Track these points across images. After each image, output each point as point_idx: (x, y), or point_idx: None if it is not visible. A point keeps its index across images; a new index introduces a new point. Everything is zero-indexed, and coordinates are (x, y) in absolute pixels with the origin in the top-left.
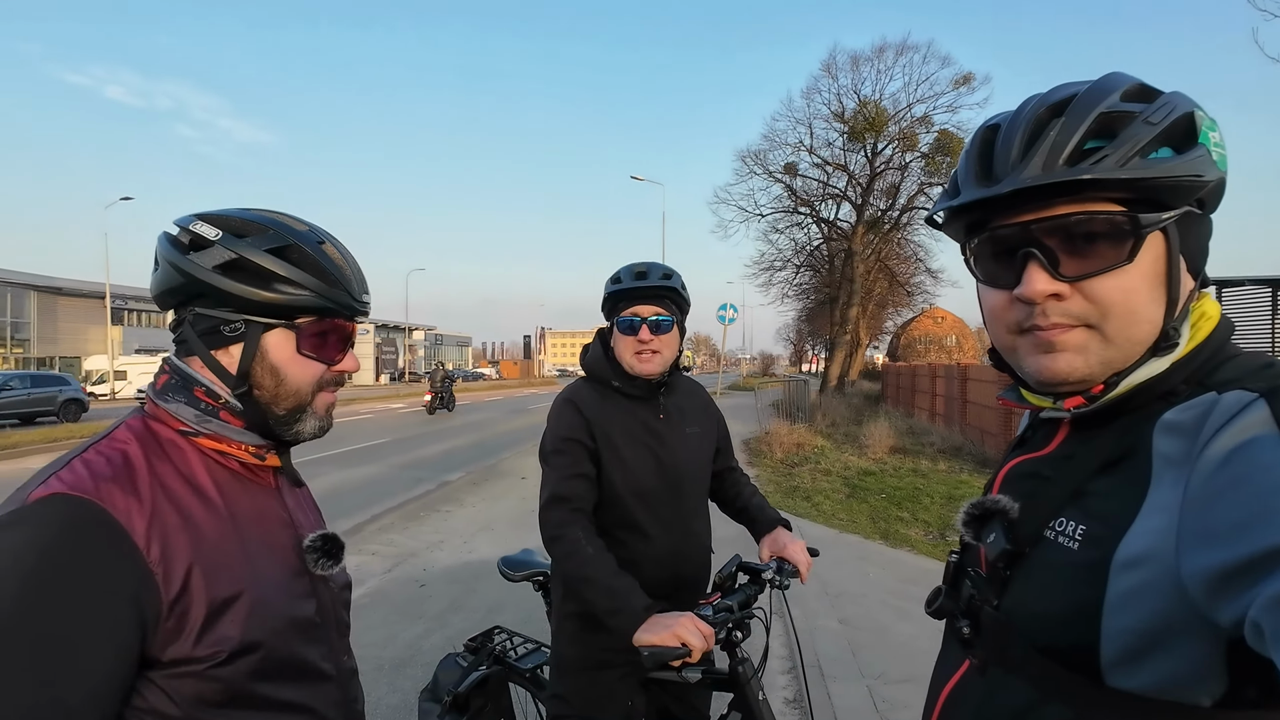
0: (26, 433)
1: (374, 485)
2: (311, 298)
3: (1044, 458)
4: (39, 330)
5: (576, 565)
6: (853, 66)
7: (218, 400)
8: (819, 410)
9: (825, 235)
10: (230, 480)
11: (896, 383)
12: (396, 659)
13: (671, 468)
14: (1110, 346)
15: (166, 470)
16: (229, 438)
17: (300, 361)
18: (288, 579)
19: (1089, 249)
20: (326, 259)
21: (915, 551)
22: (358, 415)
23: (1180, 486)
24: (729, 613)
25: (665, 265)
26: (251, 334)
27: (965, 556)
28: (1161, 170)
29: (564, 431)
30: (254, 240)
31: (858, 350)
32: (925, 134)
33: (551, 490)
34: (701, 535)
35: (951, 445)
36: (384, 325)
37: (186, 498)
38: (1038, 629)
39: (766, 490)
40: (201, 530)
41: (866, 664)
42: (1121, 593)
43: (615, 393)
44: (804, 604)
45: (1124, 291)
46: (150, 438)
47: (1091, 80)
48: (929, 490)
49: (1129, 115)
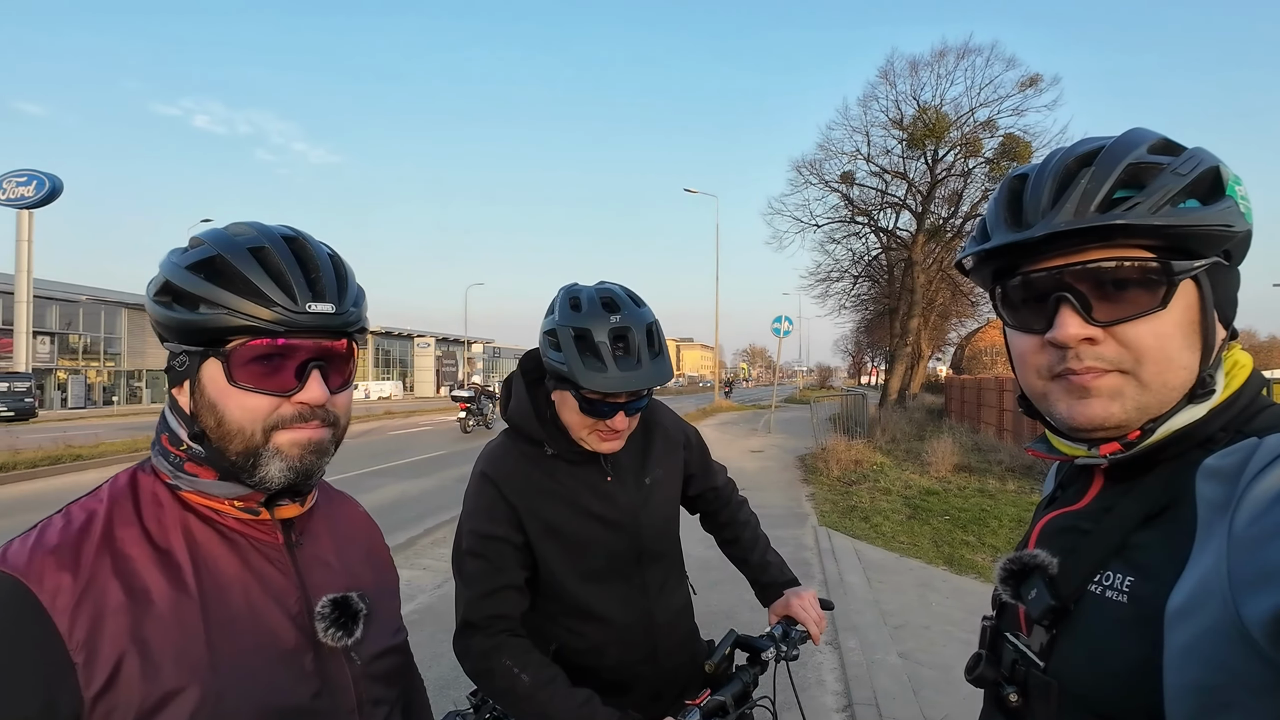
0: (111, 442)
1: (429, 498)
2: (229, 316)
3: (1080, 511)
4: (129, 345)
5: (515, 702)
6: (911, 72)
7: (179, 446)
8: (878, 425)
9: (884, 245)
10: (216, 543)
11: (961, 396)
12: (441, 679)
13: (631, 534)
14: (1146, 392)
15: (129, 536)
16: (209, 493)
17: (236, 395)
18: (272, 661)
19: (1121, 295)
20: (255, 267)
21: (982, 579)
22: (417, 427)
23: (1225, 531)
24: (723, 715)
25: (645, 307)
26: (194, 366)
27: (1002, 619)
28: (1193, 219)
29: (482, 527)
30: (183, 258)
31: (919, 363)
32: (989, 139)
33: (463, 615)
34: (676, 596)
35: (1021, 464)
36: (444, 339)
37: (142, 570)
38: (1094, 692)
39: (823, 510)
40: (150, 610)
41: (929, 704)
42: (1181, 646)
43: (550, 459)
44: (861, 635)
45: (1158, 337)
46: (128, 495)
47: (1115, 136)
48: (997, 512)
49: (1157, 166)
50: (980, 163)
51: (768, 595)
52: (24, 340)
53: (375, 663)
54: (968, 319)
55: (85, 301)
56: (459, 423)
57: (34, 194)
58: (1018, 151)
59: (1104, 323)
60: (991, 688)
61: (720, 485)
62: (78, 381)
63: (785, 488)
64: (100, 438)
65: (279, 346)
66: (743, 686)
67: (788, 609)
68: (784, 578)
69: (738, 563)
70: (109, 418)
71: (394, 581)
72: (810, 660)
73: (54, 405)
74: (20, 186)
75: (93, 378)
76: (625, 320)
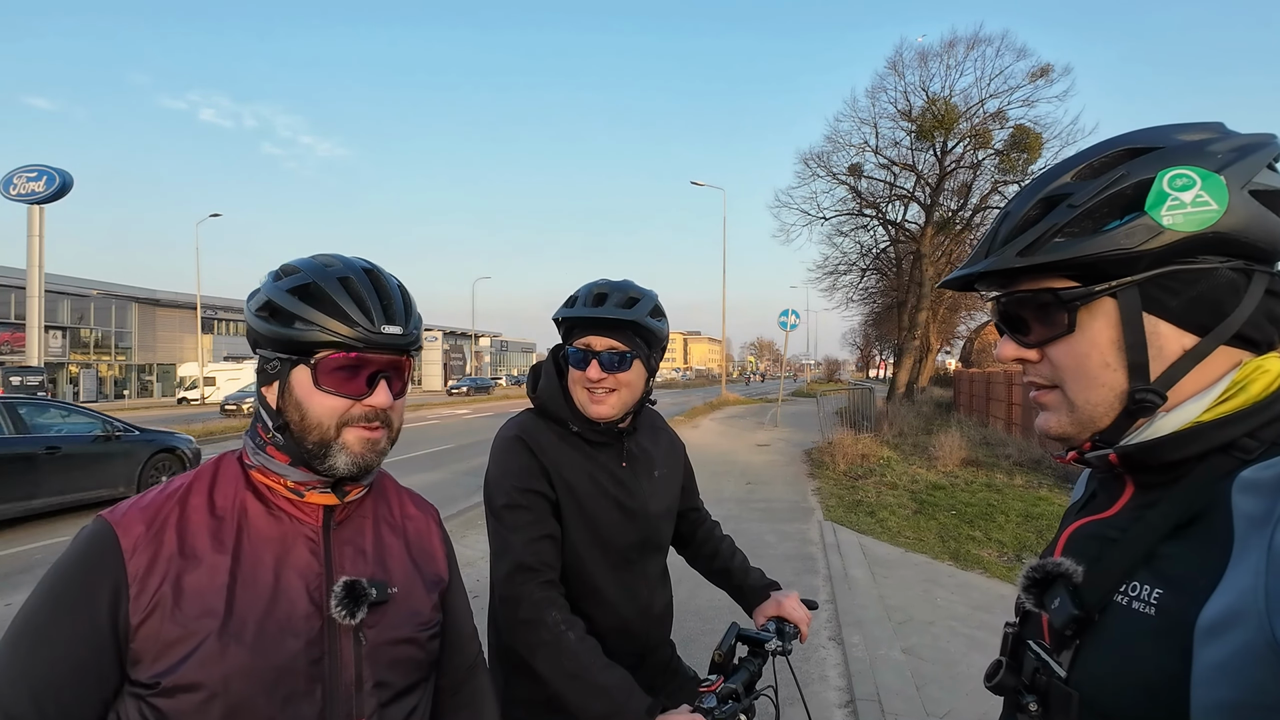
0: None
1: (436, 491)
2: (319, 332)
3: (1109, 519)
4: (139, 339)
5: (558, 659)
6: (920, 63)
7: (268, 434)
8: (885, 419)
9: (892, 237)
10: (263, 516)
11: (970, 390)
12: None
13: (641, 521)
14: (1075, 408)
15: (197, 503)
16: (272, 471)
17: (318, 396)
18: (280, 622)
19: (1044, 319)
20: (343, 294)
21: (988, 574)
22: (424, 421)
23: (1264, 546)
24: (736, 700)
25: (636, 287)
26: (284, 371)
27: (1025, 626)
28: (1062, 254)
29: (520, 480)
30: (283, 283)
31: (928, 356)
32: (999, 130)
33: (516, 557)
34: (666, 593)
35: (1030, 458)
36: (451, 332)
37: (196, 530)
38: (1115, 705)
39: (828, 504)
40: (191, 562)
41: (932, 700)
42: (1211, 663)
43: (574, 436)
44: (865, 630)
45: (1074, 356)
46: (211, 471)
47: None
48: (1004, 507)
49: (1061, 199)
50: (990, 154)
51: (755, 598)
52: (36, 334)
53: (385, 648)
54: (977, 312)
55: (96, 296)
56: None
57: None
58: (1028, 143)
59: (1035, 344)
60: (1011, 695)
61: (700, 507)
62: (89, 375)
63: (791, 482)
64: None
65: (357, 359)
66: (749, 675)
67: (779, 609)
68: (769, 581)
69: (718, 574)
70: (120, 411)
71: (439, 575)
72: (813, 656)
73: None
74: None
75: (104, 372)
76: (605, 287)
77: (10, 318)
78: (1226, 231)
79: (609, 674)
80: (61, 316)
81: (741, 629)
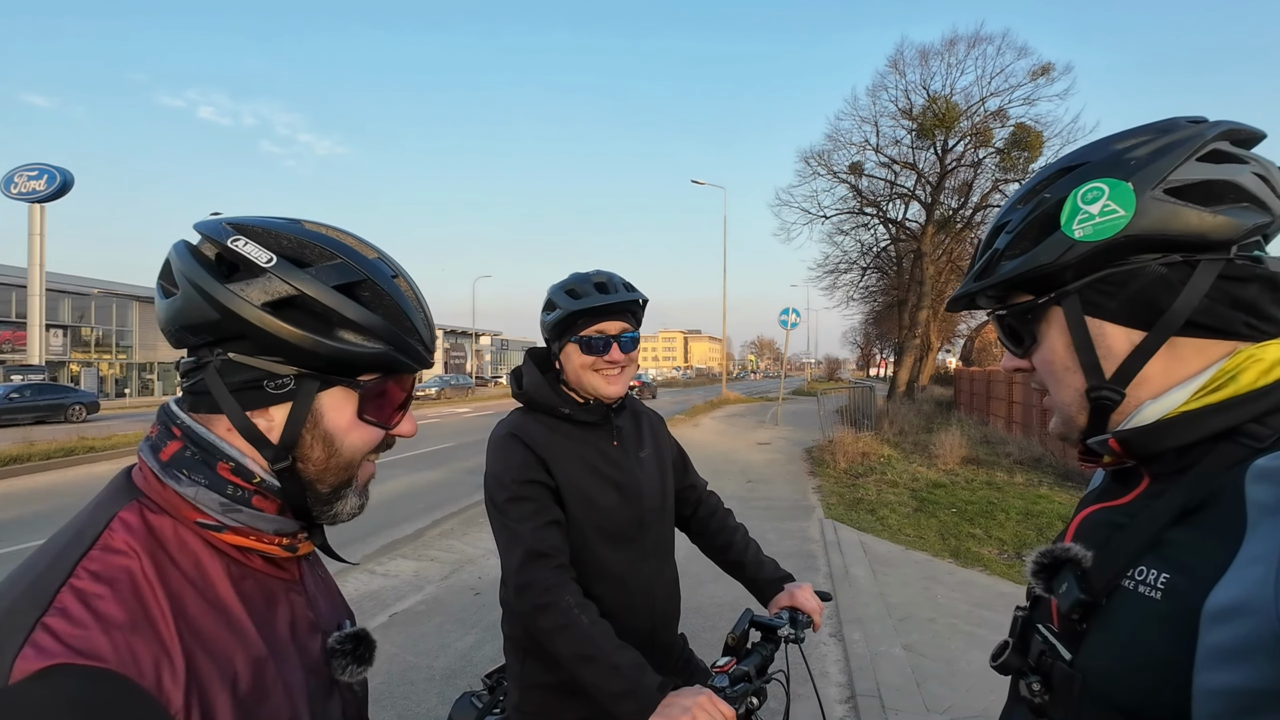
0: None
1: (438, 490)
2: (384, 350)
3: (1121, 506)
4: (140, 338)
5: (573, 641)
6: (921, 61)
7: (251, 480)
8: (886, 417)
9: (893, 236)
10: (252, 586)
11: (970, 389)
12: (448, 669)
13: (636, 498)
14: (1057, 408)
15: (184, 592)
16: (259, 530)
17: (360, 428)
18: (318, 697)
19: (1025, 331)
20: (404, 299)
21: (989, 572)
22: (426, 419)
23: (1276, 535)
24: (747, 682)
25: (618, 274)
26: (304, 392)
27: (1035, 610)
28: (1004, 275)
29: (519, 473)
30: (318, 271)
31: (928, 355)
32: (1000, 129)
33: (527, 545)
34: (672, 571)
35: (1030, 456)
36: (452, 331)
37: (213, 629)
38: (1118, 688)
39: (829, 502)
40: (240, 674)
41: (933, 697)
42: (1216, 649)
43: (565, 421)
44: (865, 627)
45: (1044, 363)
46: (157, 546)
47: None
48: (1004, 505)
49: (1003, 226)
50: (990, 153)
51: (770, 590)
52: (38, 333)
53: (364, 689)
54: (978, 310)
55: (97, 294)
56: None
57: (45, 188)
58: (1028, 141)
59: (1024, 354)
60: (1015, 676)
61: (698, 485)
62: (90, 374)
63: (792, 480)
64: (112, 430)
65: (401, 381)
66: (761, 659)
67: (792, 600)
68: (783, 573)
69: (732, 565)
70: (121, 410)
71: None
72: (814, 652)
73: None
74: (31, 181)
75: (105, 370)
76: (600, 277)
77: (11, 316)
78: (1141, 233)
79: (622, 654)
80: (62, 315)
81: (755, 615)
